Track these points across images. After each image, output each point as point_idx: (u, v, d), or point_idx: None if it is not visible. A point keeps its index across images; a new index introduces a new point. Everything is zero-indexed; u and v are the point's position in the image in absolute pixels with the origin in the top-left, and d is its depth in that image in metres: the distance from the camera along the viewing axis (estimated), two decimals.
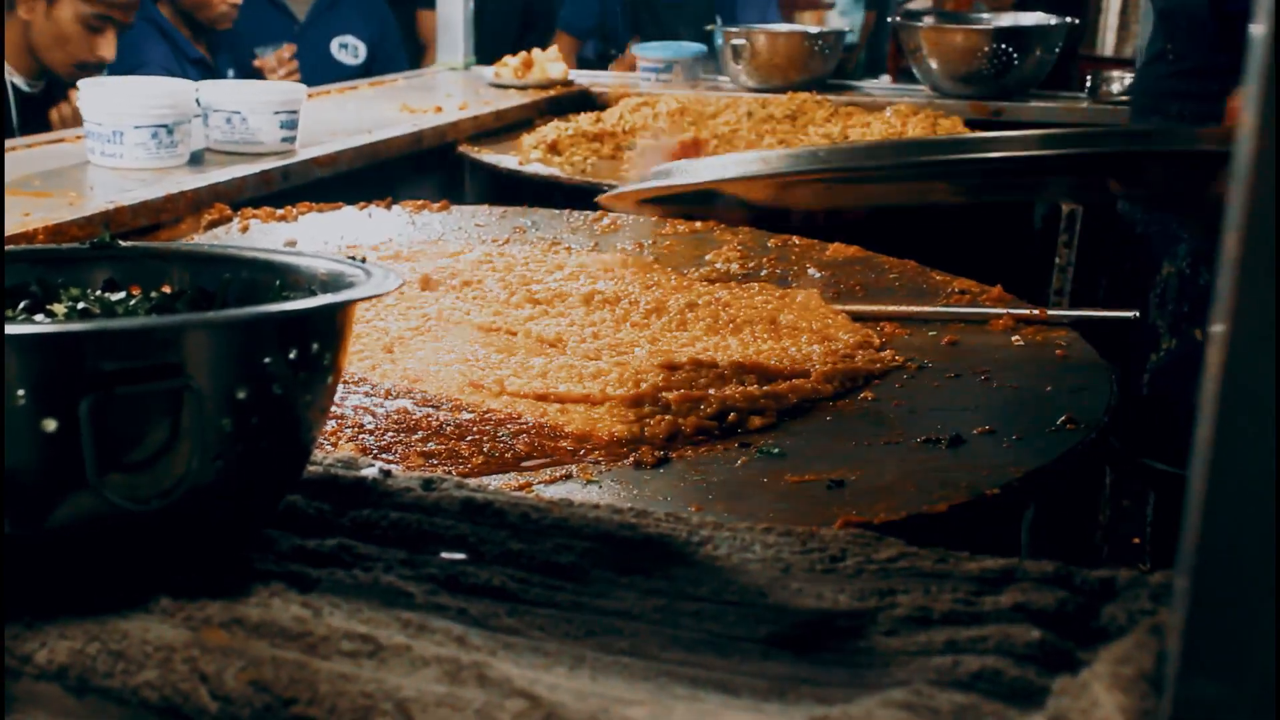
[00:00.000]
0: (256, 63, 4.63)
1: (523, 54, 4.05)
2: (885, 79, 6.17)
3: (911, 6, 5.22)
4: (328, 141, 2.86)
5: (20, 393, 0.84)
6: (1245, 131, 0.62)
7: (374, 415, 1.51)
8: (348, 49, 5.06)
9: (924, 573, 0.98)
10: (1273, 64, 0.60)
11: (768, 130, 3.43)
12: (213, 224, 2.35)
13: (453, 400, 1.56)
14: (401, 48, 5.33)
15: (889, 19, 5.08)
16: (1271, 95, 0.61)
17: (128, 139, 2.47)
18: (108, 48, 3.54)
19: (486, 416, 1.51)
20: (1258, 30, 0.61)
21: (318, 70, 4.63)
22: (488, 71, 4.12)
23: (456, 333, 1.80)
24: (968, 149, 2.28)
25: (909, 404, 1.61)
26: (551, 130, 3.33)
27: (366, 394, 1.58)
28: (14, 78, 3.54)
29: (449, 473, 1.34)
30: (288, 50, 4.62)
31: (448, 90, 3.86)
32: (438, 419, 1.50)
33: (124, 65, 3.61)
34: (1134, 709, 0.75)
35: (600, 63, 5.48)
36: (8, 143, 2.83)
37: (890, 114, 3.45)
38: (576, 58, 5.52)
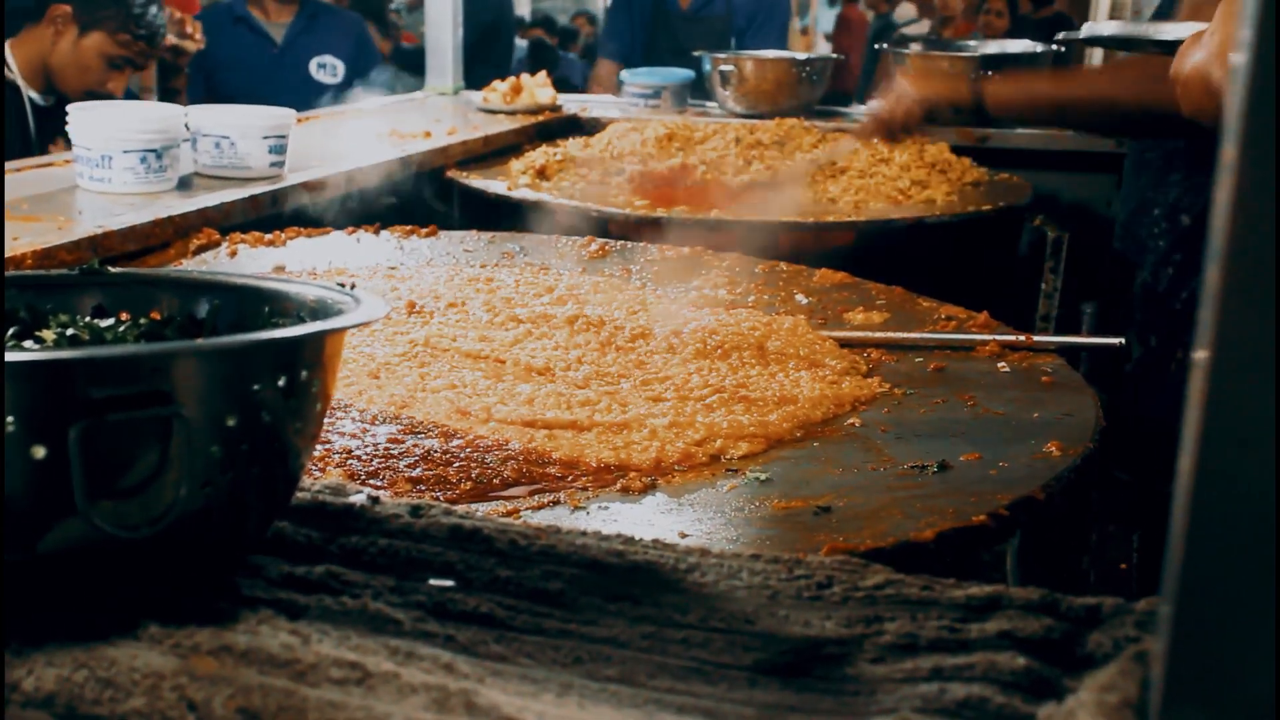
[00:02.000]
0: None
1: (511, 79, 4.06)
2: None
3: (907, 31, 5.24)
4: (316, 166, 2.87)
5: (10, 420, 0.84)
6: (1226, 164, 0.62)
7: (361, 441, 1.51)
8: (326, 69, 5.07)
9: (910, 600, 0.99)
10: (1257, 94, 0.61)
11: (755, 156, 3.44)
12: (201, 249, 2.35)
13: (440, 426, 1.56)
14: (380, 66, 5.32)
15: (876, 46, 5.10)
16: (1258, 126, 0.61)
17: (116, 163, 2.48)
18: (119, 84, 3.74)
19: (474, 443, 1.51)
20: (1239, 60, 0.62)
21: (298, 90, 4.62)
22: (476, 96, 4.13)
23: (444, 359, 1.80)
24: None
25: (896, 430, 1.61)
26: (540, 155, 3.34)
27: (354, 420, 1.58)
28: (29, 91, 3.65)
29: (437, 499, 1.34)
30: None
31: (437, 115, 3.87)
32: (425, 445, 1.50)
33: None
34: None
35: None
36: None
37: (877, 139, 3.46)
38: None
